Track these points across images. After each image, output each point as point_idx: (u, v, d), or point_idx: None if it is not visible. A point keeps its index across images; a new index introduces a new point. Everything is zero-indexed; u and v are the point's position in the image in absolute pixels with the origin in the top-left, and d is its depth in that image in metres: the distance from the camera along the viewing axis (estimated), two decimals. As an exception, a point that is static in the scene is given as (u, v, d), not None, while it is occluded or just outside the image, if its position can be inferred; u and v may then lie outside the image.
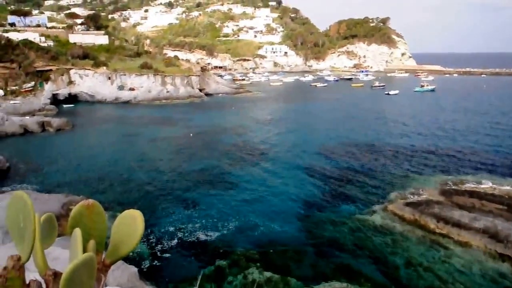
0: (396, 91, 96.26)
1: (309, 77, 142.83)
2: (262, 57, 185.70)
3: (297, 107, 77.40)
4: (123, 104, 78.89)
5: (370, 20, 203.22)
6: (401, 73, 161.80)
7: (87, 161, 39.69)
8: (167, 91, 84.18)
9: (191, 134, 51.54)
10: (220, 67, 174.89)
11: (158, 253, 21.72)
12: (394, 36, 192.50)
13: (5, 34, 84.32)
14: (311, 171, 36.35)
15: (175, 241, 23.05)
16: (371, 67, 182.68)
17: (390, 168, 37.01)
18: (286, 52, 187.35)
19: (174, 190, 31.47)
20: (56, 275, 1.44)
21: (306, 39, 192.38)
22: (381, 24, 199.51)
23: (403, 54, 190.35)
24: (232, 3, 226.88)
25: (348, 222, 25.36)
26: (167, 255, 21.60)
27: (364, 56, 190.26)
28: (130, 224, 1.56)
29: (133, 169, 36.98)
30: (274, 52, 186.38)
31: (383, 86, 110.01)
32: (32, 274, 1.51)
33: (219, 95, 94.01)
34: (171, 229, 24.45)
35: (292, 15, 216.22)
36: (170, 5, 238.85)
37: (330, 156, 41.53)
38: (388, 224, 24.96)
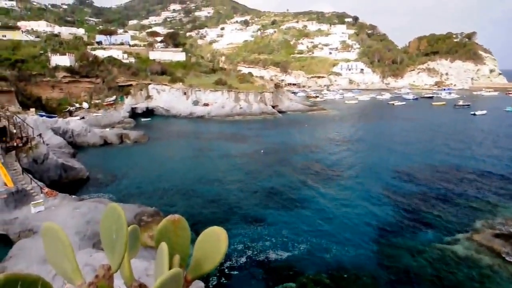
0: (484, 111, 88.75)
1: (386, 95, 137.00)
2: (337, 74, 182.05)
3: (373, 126, 73.67)
4: (197, 119, 79.98)
5: (454, 36, 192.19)
6: (489, 91, 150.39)
7: (160, 174, 40.33)
8: (240, 107, 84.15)
9: (262, 151, 50.67)
10: (294, 84, 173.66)
11: (226, 270, 21.20)
12: (481, 52, 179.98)
13: (93, 52, 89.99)
14: (387, 194, 34.20)
15: (244, 259, 22.49)
16: (455, 85, 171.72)
17: (475, 195, 33.68)
18: (362, 69, 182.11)
19: (244, 207, 30.99)
20: (141, 287, 1.51)
21: (384, 56, 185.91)
22: (466, 39, 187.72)
23: (491, 71, 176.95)
24: (307, 20, 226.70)
25: (427, 251, 23.47)
26: (235, 272, 21.03)
27: (447, 74, 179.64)
28: (214, 241, 1.58)
29: (204, 184, 36.98)
30: (349, 69, 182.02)
31: (468, 105, 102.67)
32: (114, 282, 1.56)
33: (292, 112, 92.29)
34: (240, 246, 23.91)
35: (369, 32, 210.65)
36: (245, 23, 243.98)
37: (407, 178, 38.90)
38: (473, 255, 22.53)
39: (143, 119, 76.51)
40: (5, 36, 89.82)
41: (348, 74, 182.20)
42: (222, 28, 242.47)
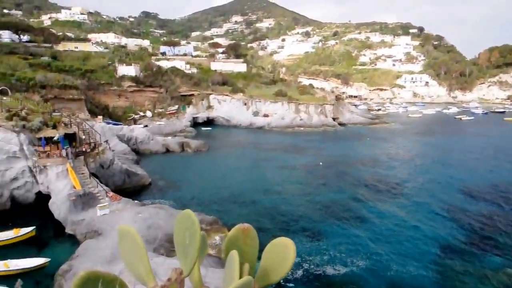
0: None
1: (453, 109, 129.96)
2: (401, 86, 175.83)
3: (438, 141, 69.76)
4: (256, 129, 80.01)
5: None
6: None
7: (219, 183, 40.70)
8: (300, 119, 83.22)
9: (321, 163, 49.78)
10: (355, 97, 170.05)
11: (282, 282, 20.56)
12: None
13: (157, 63, 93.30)
14: (452, 213, 32.18)
15: (301, 271, 22.00)
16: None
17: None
18: (427, 82, 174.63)
19: (302, 219, 30.64)
20: None
21: (451, 68, 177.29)
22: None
23: None
24: (370, 32, 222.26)
25: (495, 276, 21.83)
26: (291, 285, 20.60)
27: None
28: (282, 252, 1.58)
29: (261, 194, 36.91)
30: (413, 82, 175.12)
31: None
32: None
33: (353, 125, 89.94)
34: (297, 259, 23.19)
35: (435, 43, 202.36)
36: (307, 34, 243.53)
37: (474, 197, 36.32)
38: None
39: (203, 128, 77.75)
40: (77, 47, 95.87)
41: (412, 87, 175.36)
42: (283, 40, 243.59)
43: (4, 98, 39.20)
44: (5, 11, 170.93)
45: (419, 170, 47.77)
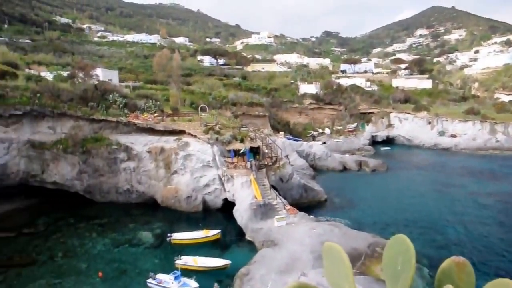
0: None
1: None
2: None
3: None
4: (441, 150, 73.22)
5: None
6: None
7: (396, 205, 38.99)
8: (497, 141, 73.11)
9: None
10: None
11: None
12: None
13: (337, 80, 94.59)
14: None
15: None
16: None
17: None
18: None
19: (494, 258, 27.25)
20: None
21: None
22: None
23: None
24: None
25: None
26: None
27: None
28: None
29: (445, 223, 34.15)
30: None
31: None
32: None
33: None
34: None
35: None
36: (507, 43, 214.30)
37: None
38: None
39: (382, 148, 74.98)
40: (263, 68, 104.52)
41: None
42: (476, 51, 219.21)
43: (203, 114, 44.47)
44: (207, 39, 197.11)
45: None
